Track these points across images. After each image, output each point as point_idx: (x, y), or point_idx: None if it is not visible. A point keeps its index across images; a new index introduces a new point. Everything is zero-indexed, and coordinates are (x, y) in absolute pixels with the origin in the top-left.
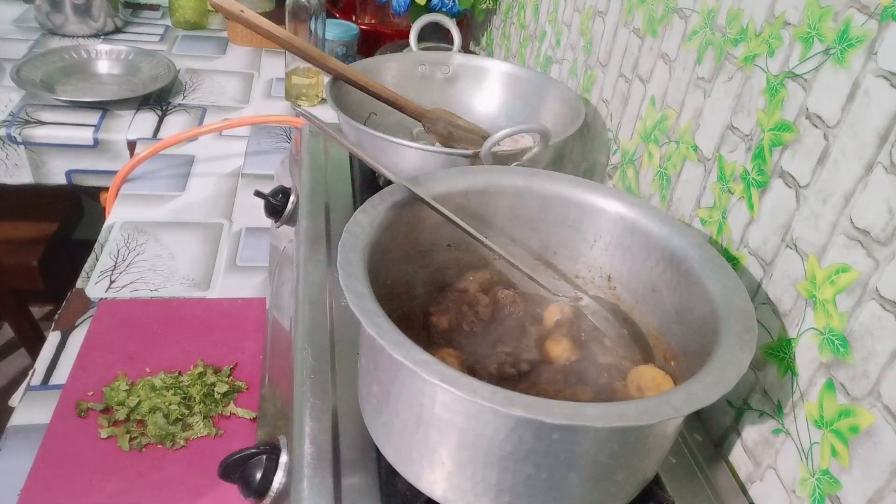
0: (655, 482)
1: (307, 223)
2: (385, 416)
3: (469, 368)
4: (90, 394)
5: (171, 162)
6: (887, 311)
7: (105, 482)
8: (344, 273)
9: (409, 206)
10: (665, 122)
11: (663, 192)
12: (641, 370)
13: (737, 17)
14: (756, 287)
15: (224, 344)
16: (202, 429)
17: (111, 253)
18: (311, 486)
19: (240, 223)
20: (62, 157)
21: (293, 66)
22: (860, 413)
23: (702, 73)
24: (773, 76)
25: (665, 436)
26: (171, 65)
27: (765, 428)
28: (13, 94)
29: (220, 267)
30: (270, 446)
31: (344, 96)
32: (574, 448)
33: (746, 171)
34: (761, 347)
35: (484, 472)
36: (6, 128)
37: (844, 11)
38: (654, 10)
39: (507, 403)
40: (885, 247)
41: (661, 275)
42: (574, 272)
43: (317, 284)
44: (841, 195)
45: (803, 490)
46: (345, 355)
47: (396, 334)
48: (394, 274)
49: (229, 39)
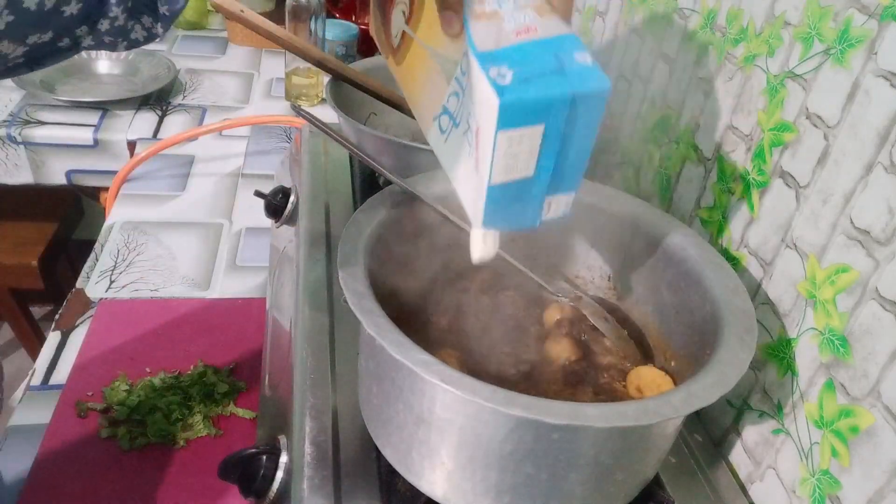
0: (655, 482)
1: (307, 223)
2: (385, 416)
3: (469, 368)
4: (90, 394)
5: (171, 162)
6: (887, 311)
7: (105, 482)
8: (344, 273)
9: (409, 206)
10: (665, 122)
11: (663, 192)
12: (641, 370)
13: (737, 17)
14: (756, 287)
15: (224, 344)
16: (202, 429)
17: (111, 253)
18: (311, 486)
19: (240, 223)
20: (62, 157)
21: (293, 66)
22: (860, 413)
23: (702, 73)
24: (773, 76)
25: (665, 436)
26: (171, 65)
27: (765, 428)
28: (13, 94)
29: (220, 267)
30: (270, 446)
31: (344, 96)
32: (574, 448)
33: (746, 171)
34: (761, 347)
35: (484, 472)
36: (6, 128)
37: (844, 11)
38: (655, 10)
39: (507, 403)
40: (885, 247)
41: (661, 275)
42: (574, 272)
43: (317, 284)
44: (841, 195)
45: (803, 490)
46: (345, 355)
47: (396, 334)
48: (394, 274)
49: (229, 39)
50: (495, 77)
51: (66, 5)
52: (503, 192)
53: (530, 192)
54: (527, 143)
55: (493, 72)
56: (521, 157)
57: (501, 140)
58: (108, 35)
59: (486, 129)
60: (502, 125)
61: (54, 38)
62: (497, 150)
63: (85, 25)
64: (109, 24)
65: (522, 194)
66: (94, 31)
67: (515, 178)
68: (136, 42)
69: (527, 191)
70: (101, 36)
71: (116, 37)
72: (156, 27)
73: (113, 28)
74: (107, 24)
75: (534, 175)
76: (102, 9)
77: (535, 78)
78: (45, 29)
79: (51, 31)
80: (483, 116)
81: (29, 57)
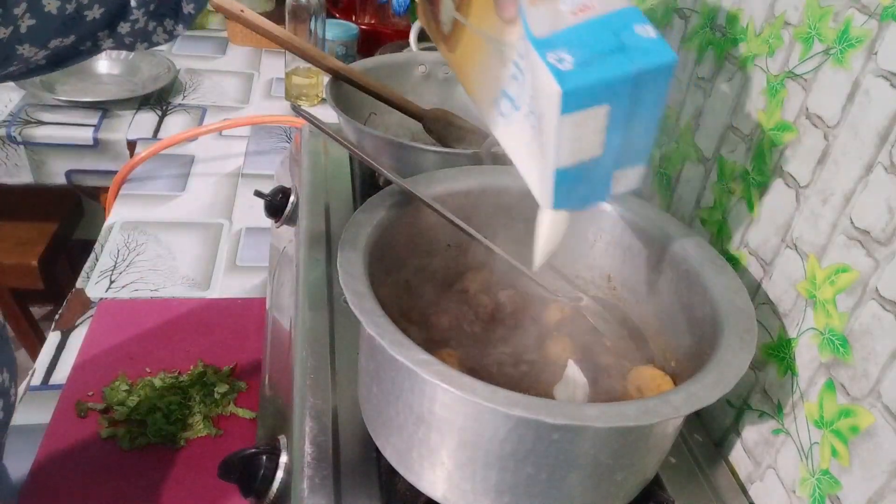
0: (655, 482)
1: (307, 223)
2: (385, 416)
3: (469, 368)
4: (90, 394)
5: (171, 162)
6: (887, 311)
7: (105, 482)
8: (344, 273)
9: (409, 206)
10: (665, 122)
11: (663, 192)
12: (641, 370)
13: (737, 17)
14: (756, 287)
15: (224, 344)
16: (202, 429)
17: (111, 253)
18: (311, 486)
19: (240, 223)
20: (62, 157)
21: (293, 66)
22: (860, 413)
23: (702, 73)
24: (773, 76)
25: (665, 436)
26: (171, 65)
27: (765, 428)
28: (13, 94)
29: (220, 267)
30: (270, 446)
31: (344, 96)
32: (574, 448)
33: (746, 171)
34: (761, 347)
35: (484, 472)
36: (6, 128)
37: (844, 11)
38: (655, 11)
39: (507, 403)
40: (885, 247)
41: (661, 275)
42: (574, 272)
43: (317, 284)
44: (841, 195)
45: (803, 490)
46: (345, 355)
47: (396, 334)
48: (394, 274)
49: (229, 39)
50: (554, 63)
51: (88, 10)
52: (571, 173)
53: (598, 170)
54: (592, 124)
55: (552, 57)
56: (587, 139)
57: (565, 124)
58: (129, 37)
59: (550, 115)
60: (566, 110)
61: (76, 42)
62: (562, 135)
63: (107, 29)
64: (130, 26)
65: (590, 173)
66: (115, 34)
67: (583, 159)
68: (157, 43)
69: (594, 169)
70: (122, 38)
71: (136, 38)
72: (178, 28)
73: (133, 30)
74: (127, 27)
75: (602, 153)
76: (123, 12)
77: (596, 59)
78: (68, 34)
79: (73, 36)
80: (545, 103)
81: (50, 59)
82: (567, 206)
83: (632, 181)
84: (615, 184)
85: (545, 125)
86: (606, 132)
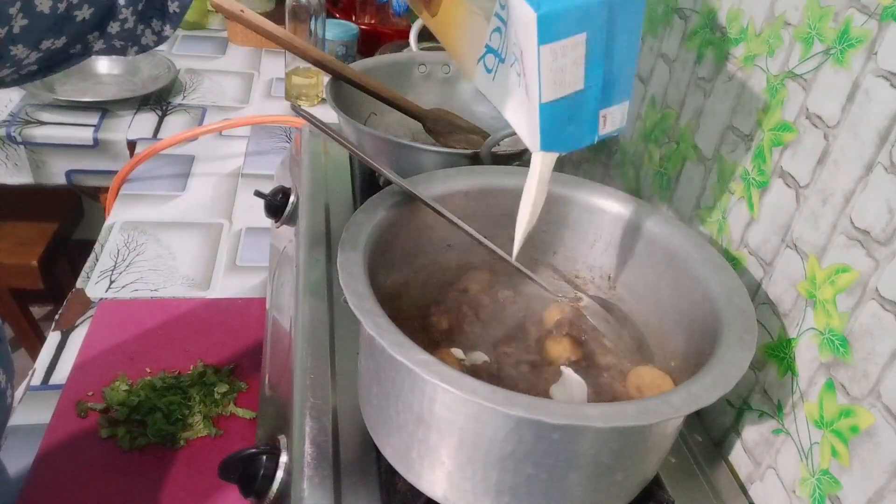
0: (655, 482)
1: (307, 223)
2: (385, 416)
3: (469, 369)
4: (90, 394)
5: (171, 162)
6: (887, 311)
7: (105, 482)
8: (344, 273)
9: (409, 206)
10: (665, 122)
11: (663, 192)
12: (641, 370)
13: (737, 17)
14: (756, 287)
15: (224, 344)
16: (202, 429)
17: (111, 253)
18: (311, 486)
19: (240, 223)
20: (62, 157)
21: (293, 66)
22: (860, 413)
23: (702, 73)
24: (773, 76)
25: (665, 436)
26: (171, 65)
27: (765, 428)
28: (13, 93)
29: (220, 267)
30: (270, 446)
31: (344, 96)
32: (574, 448)
33: (746, 171)
34: (761, 347)
35: (484, 472)
36: (6, 128)
37: (844, 11)
38: (655, 10)
39: (507, 403)
40: (885, 247)
41: (661, 275)
42: (574, 272)
43: (317, 284)
44: (841, 195)
45: (803, 490)
46: (345, 355)
47: (396, 334)
48: (394, 274)
49: (229, 39)
50: None
51: (78, 10)
52: (556, 109)
53: (583, 106)
54: (571, 53)
55: None
56: (568, 70)
57: (545, 54)
58: (119, 39)
59: (529, 49)
60: (543, 39)
61: (67, 45)
62: (543, 66)
63: (97, 31)
64: (119, 26)
65: (576, 110)
66: (105, 35)
67: (566, 93)
68: (147, 46)
69: (580, 106)
70: (112, 40)
71: (127, 41)
72: (165, 29)
73: (123, 31)
74: (117, 27)
75: (584, 87)
76: (112, 12)
77: None
78: (59, 34)
79: (64, 37)
80: (524, 37)
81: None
82: (556, 148)
83: (617, 120)
84: (602, 123)
85: (527, 62)
86: (586, 64)
